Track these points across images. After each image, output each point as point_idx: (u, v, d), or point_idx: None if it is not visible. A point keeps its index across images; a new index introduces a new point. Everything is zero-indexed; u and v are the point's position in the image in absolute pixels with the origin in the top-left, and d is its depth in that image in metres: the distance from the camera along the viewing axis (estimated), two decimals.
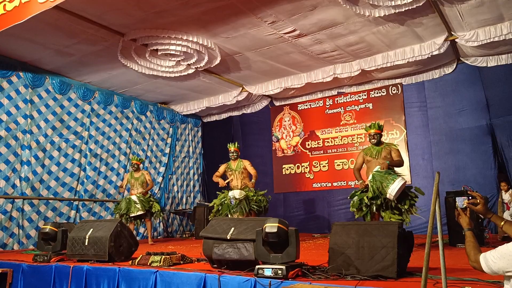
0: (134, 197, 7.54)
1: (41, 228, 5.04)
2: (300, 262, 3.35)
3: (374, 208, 5.21)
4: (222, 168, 7.32)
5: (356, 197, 5.49)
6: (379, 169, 5.34)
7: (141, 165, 8.12)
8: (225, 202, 6.86)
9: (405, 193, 5.36)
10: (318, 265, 3.49)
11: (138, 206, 7.44)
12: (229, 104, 9.94)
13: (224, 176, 7.28)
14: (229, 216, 6.66)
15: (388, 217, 5.19)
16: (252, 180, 7.11)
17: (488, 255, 2.09)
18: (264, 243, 3.29)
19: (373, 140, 5.75)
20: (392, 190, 5.08)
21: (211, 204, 7.17)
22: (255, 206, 6.78)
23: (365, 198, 5.27)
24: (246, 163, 7.23)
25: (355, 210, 5.47)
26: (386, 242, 3.03)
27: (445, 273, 2.25)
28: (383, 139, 6.01)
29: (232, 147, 7.32)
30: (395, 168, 5.60)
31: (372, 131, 5.76)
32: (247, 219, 4.39)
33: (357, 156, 6.06)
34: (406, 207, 5.25)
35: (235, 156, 7.27)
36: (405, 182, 5.33)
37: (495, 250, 2.07)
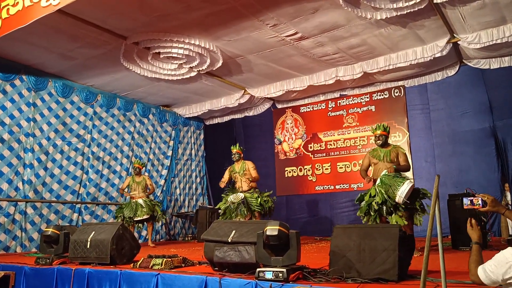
0: (140, 201, 7.52)
1: (43, 231, 5.06)
2: (301, 265, 3.34)
3: (384, 212, 5.06)
4: (226, 173, 7.23)
5: (364, 202, 5.32)
6: (387, 173, 5.27)
7: (143, 169, 8.11)
8: (227, 206, 6.82)
9: (413, 195, 5.25)
10: (319, 268, 3.48)
11: (145, 210, 7.43)
12: (231, 107, 9.96)
13: (231, 180, 7.23)
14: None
15: (395, 220, 5.07)
16: (253, 178, 6.97)
17: (486, 266, 2.08)
18: (265, 246, 3.29)
19: (378, 141, 5.61)
20: (402, 192, 4.94)
21: (217, 206, 7.10)
22: (256, 208, 6.66)
23: (373, 204, 5.11)
24: (250, 165, 7.11)
25: (363, 215, 5.28)
26: (387, 245, 3.02)
27: (445, 276, 2.24)
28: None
29: (234, 149, 7.28)
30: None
31: (378, 132, 5.62)
32: (248, 222, 4.38)
33: (363, 158, 5.90)
34: (417, 206, 5.15)
35: (237, 158, 7.19)
36: (413, 185, 5.24)
37: (491, 260, 2.07)
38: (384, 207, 5.06)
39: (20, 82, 7.50)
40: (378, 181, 5.27)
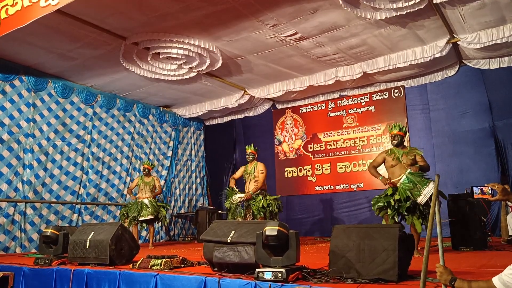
0: (146, 201, 7.49)
1: (42, 232, 5.05)
2: (301, 265, 3.33)
3: (404, 211, 4.92)
4: (239, 171, 7.20)
5: (381, 199, 5.14)
6: (412, 171, 5.10)
7: (152, 170, 8.09)
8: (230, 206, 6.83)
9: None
10: (318, 268, 3.46)
11: (150, 210, 7.41)
12: (231, 107, 9.94)
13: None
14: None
15: (411, 221, 4.94)
16: (255, 185, 6.79)
17: (503, 276, 1.96)
18: (265, 246, 3.28)
19: (394, 141, 5.44)
20: (428, 192, 4.84)
21: (225, 204, 7.01)
22: (255, 211, 6.54)
23: (392, 201, 4.99)
24: (259, 167, 6.93)
25: (378, 210, 5.13)
26: (387, 245, 3.01)
27: None
28: (385, 142, 5.88)
29: (248, 149, 7.16)
30: None
31: (394, 131, 5.45)
32: (247, 222, 4.36)
33: (377, 155, 5.70)
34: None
35: (251, 158, 7.06)
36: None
37: (508, 268, 1.96)
38: (403, 205, 4.94)
39: (20, 83, 7.49)
40: (403, 178, 5.08)
